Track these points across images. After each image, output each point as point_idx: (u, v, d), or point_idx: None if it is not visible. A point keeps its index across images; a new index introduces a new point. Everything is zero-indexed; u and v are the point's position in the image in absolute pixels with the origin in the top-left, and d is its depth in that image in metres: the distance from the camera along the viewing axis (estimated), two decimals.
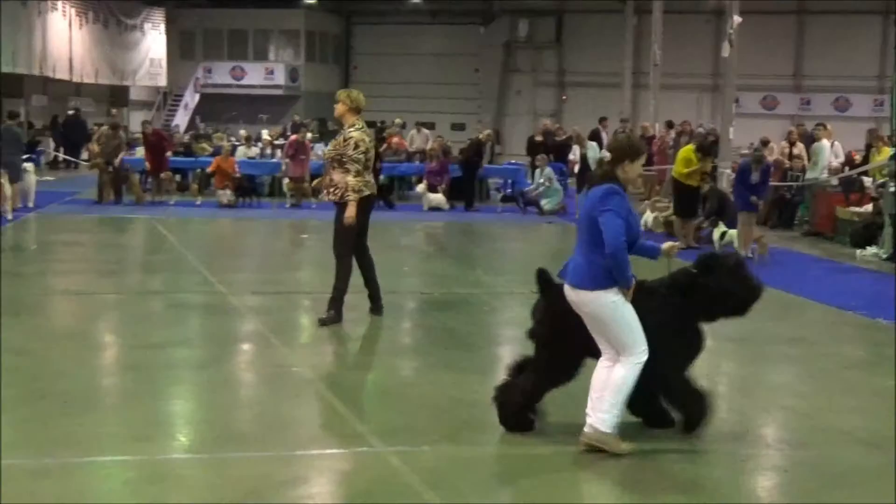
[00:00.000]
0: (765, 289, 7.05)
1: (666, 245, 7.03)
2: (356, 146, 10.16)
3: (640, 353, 6.53)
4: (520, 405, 6.90)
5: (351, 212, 10.15)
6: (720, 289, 6.83)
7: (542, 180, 23.74)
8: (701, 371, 8.98)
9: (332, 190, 10.33)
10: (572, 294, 6.59)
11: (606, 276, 6.43)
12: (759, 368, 9.41)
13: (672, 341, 6.76)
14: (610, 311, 6.48)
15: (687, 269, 7.00)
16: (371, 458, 6.34)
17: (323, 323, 10.32)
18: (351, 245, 10.39)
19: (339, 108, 10.35)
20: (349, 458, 6.36)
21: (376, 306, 10.84)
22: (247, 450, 6.39)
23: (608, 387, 6.51)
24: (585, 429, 6.54)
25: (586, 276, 6.51)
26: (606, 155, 6.87)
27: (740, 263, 7.07)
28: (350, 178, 10.14)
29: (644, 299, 6.62)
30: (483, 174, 26.32)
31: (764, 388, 8.75)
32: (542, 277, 7.04)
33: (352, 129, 10.25)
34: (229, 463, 6.21)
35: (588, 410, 6.56)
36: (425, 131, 30.81)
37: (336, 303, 10.40)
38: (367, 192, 10.29)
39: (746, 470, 6.51)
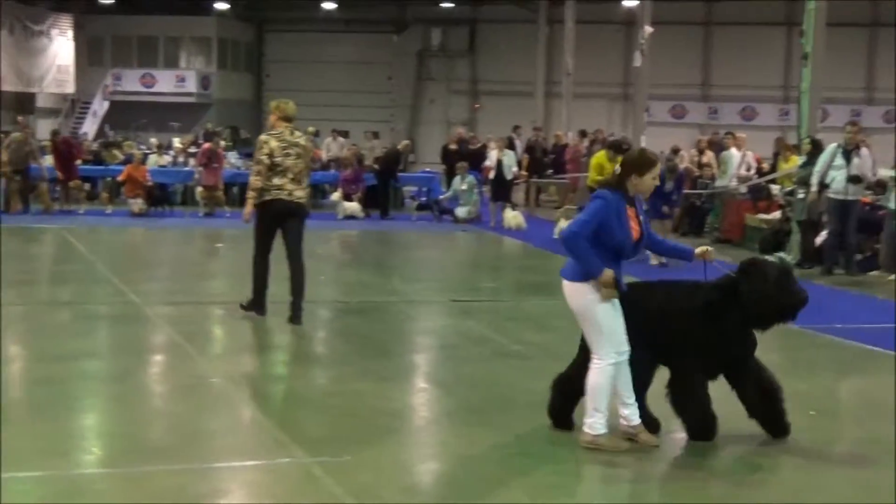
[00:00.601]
0: (807, 295, 7.06)
1: (700, 249, 7.14)
2: (260, 148, 10.58)
3: (606, 357, 6.65)
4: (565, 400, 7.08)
5: (245, 210, 10.76)
6: (760, 295, 6.86)
7: (464, 186, 23.78)
8: None
9: None
10: (563, 286, 6.81)
11: (583, 269, 6.64)
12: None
13: (693, 345, 6.87)
14: (583, 308, 6.68)
15: (729, 274, 7.07)
16: (293, 469, 6.27)
17: (242, 306, 11.01)
18: (260, 246, 10.81)
19: (270, 118, 10.89)
20: (270, 469, 6.28)
21: (294, 314, 10.80)
22: (164, 463, 6.26)
23: (587, 391, 6.73)
24: (583, 428, 6.75)
25: (569, 268, 6.76)
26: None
27: (784, 271, 7.05)
28: (251, 178, 10.68)
29: (680, 300, 6.97)
30: (398, 182, 26.31)
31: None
32: None
33: (265, 133, 10.80)
34: (146, 477, 6.08)
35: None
36: (340, 139, 30.76)
37: (252, 300, 10.99)
38: (269, 197, 10.50)
39: (667, 471, 6.57)
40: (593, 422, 6.67)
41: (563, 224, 20.20)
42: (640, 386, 6.99)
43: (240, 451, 6.63)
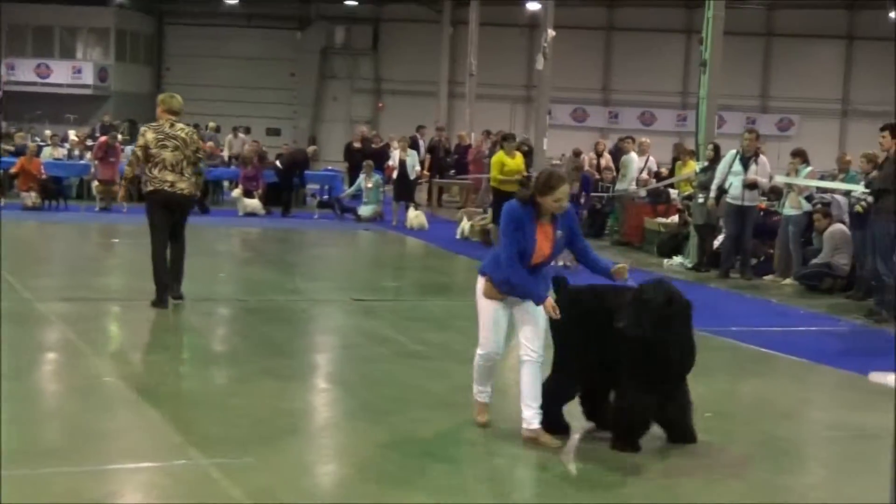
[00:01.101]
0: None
1: (614, 268, 7.17)
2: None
3: (478, 347, 7.16)
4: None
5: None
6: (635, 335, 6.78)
7: (370, 185, 23.68)
8: (513, 376, 9.14)
9: None
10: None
11: (486, 264, 7.09)
12: None
13: (624, 352, 6.90)
14: (477, 299, 7.15)
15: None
16: (190, 471, 6.14)
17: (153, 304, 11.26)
18: (156, 234, 11.20)
19: (157, 111, 11.37)
20: (166, 472, 6.13)
21: (174, 291, 11.34)
22: (56, 465, 6.07)
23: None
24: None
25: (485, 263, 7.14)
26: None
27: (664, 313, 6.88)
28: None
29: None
30: (301, 181, 26.11)
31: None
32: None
33: (145, 125, 11.58)
34: (39, 479, 5.89)
35: None
36: (242, 135, 30.41)
37: (157, 295, 11.28)
38: (151, 187, 11.11)
39: (573, 473, 6.61)
40: (524, 415, 6.96)
41: (466, 224, 20.32)
42: (561, 395, 7.15)
43: (135, 452, 6.47)
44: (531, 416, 6.93)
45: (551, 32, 21.77)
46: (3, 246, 15.47)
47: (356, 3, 43.59)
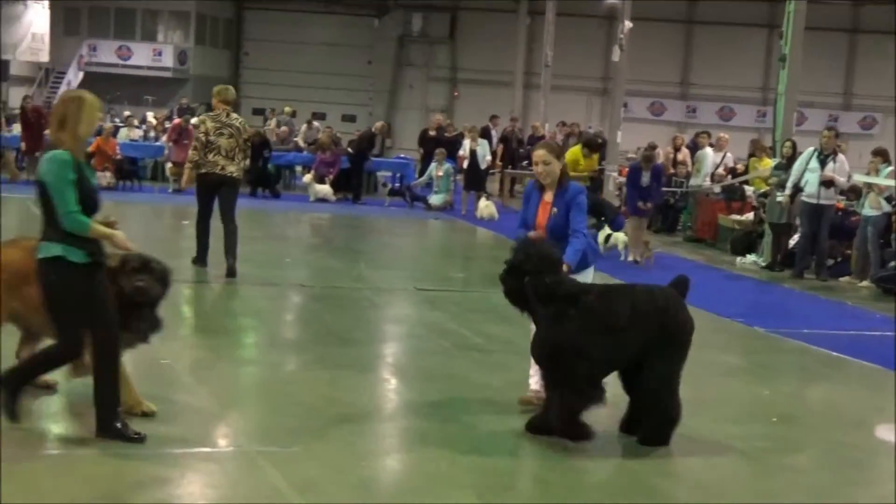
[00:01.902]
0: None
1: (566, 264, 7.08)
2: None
3: None
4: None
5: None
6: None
7: (440, 173, 23.59)
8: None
9: None
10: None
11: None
12: None
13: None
14: None
15: None
16: (237, 459, 6.08)
17: (193, 261, 12.52)
18: (200, 211, 12.34)
19: (213, 101, 12.42)
20: (214, 458, 6.08)
21: (229, 269, 11.99)
22: (106, 448, 6.04)
23: None
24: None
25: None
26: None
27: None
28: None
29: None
30: (372, 167, 26.09)
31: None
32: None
33: (205, 114, 12.87)
34: (83, 460, 5.88)
35: None
36: (316, 124, 30.47)
37: (197, 255, 12.58)
38: (204, 170, 12.03)
39: (615, 475, 6.44)
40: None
41: None
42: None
43: (186, 437, 6.40)
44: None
45: (628, 24, 21.42)
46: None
47: None
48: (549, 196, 7.45)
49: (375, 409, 7.59)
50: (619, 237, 16.69)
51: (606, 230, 16.92)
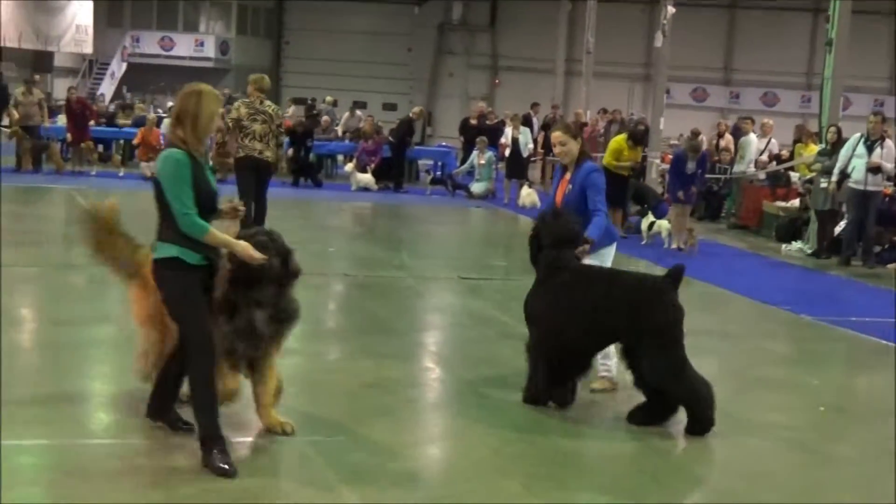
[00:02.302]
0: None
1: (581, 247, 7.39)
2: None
3: None
4: None
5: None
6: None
7: (482, 161, 23.55)
8: (622, 364, 8.93)
9: None
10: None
11: None
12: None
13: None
14: None
15: None
16: (283, 448, 6.10)
17: None
18: (242, 192, 12.13)
19: (249, 88, 12.68)
20: (262, 448, 6.11)
21: None
22: (156, 436, 6.10)
23: None
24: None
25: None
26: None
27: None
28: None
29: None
30: (413, 155, 26.08)
31: None
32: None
33: (239, 100, 12.98)
34: (139, 449, 5.91)
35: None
36: (358, 113, 30.51)
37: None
38: (242, 154, 12.40)
39: (665, 466, 6.41)
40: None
41: None
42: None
43: (234, 427, 6.38)
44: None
45: (671, 9, 21.23)
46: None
47: None
48: (569, 175, 7.75)
49: (420, 398, 7.61)
50: (663, 224, 16.59)
51: (650, 217, 16.84)
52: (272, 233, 6.12)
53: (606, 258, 7.63)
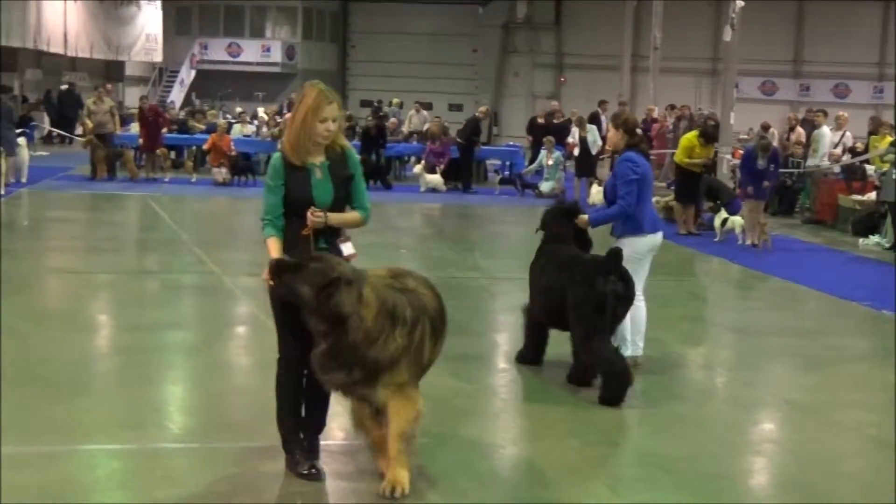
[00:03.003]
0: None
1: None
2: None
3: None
4: None
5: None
6: None
7: (550, 161, 23.49)
8: (699, 361, 8.88)
9: None
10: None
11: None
12: (760, 360, 9.23)
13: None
14: None
15: None
16: (367, 452, 6.11)
17: None
18: None
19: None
20: (342, 450, 6.15)
21: None
22: (240, 440, 6.18)
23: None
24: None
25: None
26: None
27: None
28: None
29: None
30: (481, 155, 26.07)
31: (765, 381, 8.57)
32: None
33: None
34: (221, 454, 6.01)
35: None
36: (424, 112, 30.59)
37: None
38: None
39: (750, 466, 6.35)
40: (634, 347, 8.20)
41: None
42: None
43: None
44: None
45: (739, 3, 20.97)
46: (186, 221, 15.98)
47: None
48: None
49: (498, 399, 7.61)
50: (736, 221, 16.41)
51: (723, 214, 16.67)
52: (325, 258, 5.39)
53: (633, 247, 7.97)
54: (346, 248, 5.76)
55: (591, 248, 8.18)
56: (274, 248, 5.54)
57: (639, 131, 8.43)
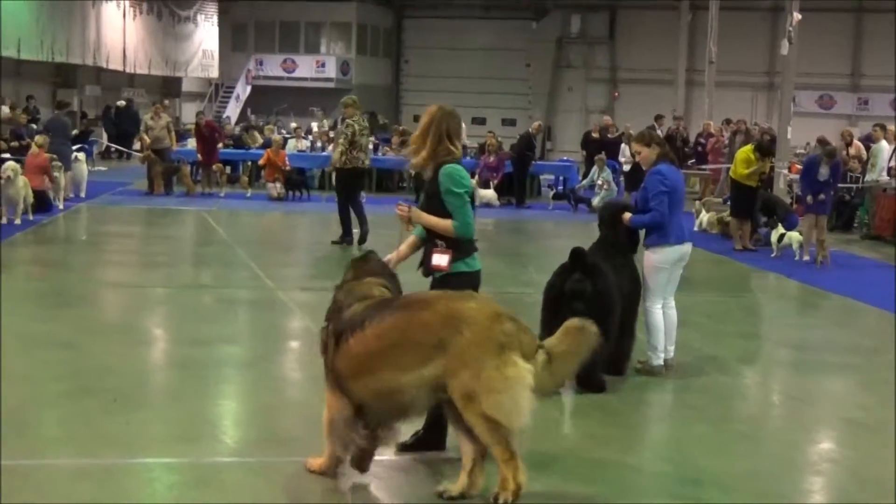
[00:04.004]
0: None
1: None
2: (345, 129, 15.70)
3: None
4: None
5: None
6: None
7: (599, 181, 23.42)
8: (756, 378, 8.78)
9: None
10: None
11: None
12: (819, 377, 9.12)
13: None
14: None
15: None
16: (420, 467, 6.11)
17: (333, 242, 15.79)
18: (349, 196, 15.78)
19: (347, 111, 15.96)
20: (397, 467, 6.14)
21: (361, 237, 15.61)
22: (295, 454, 6.17)
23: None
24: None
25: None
26: None
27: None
28: (336, 151, 15.92)
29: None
30: (535, 170, 26.05)
31: (824, 399, 8.46)
32: None
33: (350, 119, 15.80)
34: (276, 468, 6.03)
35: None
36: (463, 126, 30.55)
37: (342, 234, 15.86)
38: (350, 165, 15.52)
39: (809, 486, 6.25)
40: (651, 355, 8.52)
41: (704, 216, 19.75)
42: None
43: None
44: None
45: (797, 16, 20.81)
46: (242, 236, 16.06)
47: None
48: None
49: (549, 413, 7.55)
50: (793, 236, 16.22)
51: (780, 229, 16.48)
52: (346, 289, 6.04)
53: (661, 256, 8.46)
54: (437, 258, 6.27)
55: (637, 246, 8.72)
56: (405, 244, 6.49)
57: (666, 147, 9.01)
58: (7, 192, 16.52)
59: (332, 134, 28.43)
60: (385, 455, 6.20)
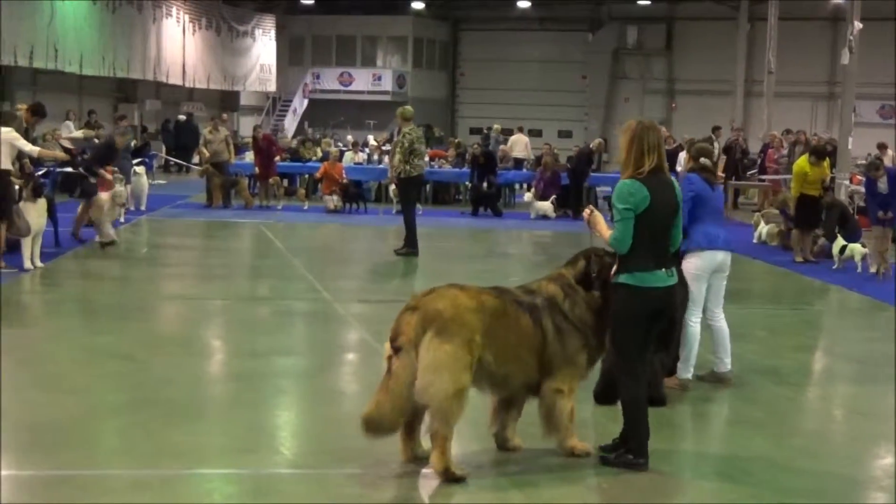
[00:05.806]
0: None
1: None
2: (403, 138, 15.97)
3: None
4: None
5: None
6: None
7: None
8: (818, 393, 8.66)
9: None
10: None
11: None
12: (882, 391, 8.93)
13: None
14: None
15: None
16: (486, 481, 6.08)
17: (397, 252, 16.18)
18: (414, 203, 16.68)
19: (400, 121, 16.39)
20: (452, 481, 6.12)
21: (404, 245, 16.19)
22: (353, 466, 6.19)
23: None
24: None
25: None
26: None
27: None
28: (395, 160, 16.30)
29: None
30: (591, 182, 25.93)
31: (887, 413, 8.29)
32: None
33: (407, 128, 16.10)
34: (334, 480, 6.04)
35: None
36: (524, 137, 30.41)
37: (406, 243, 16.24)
38: (415, 173, 16.09)
39: (874, 502, 6.14)
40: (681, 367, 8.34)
41: (763, 227, 19.53)
42: None
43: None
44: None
45: (858, 25, 20.57)
46: (299, 248, 16.13)
47: (649, 2, 42.99)
48: None
49: (617, 426, 7.50)
50: (855, 248, 15.96)
51: (841, 241, 16.20)
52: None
53: (695, 262, 8.51)
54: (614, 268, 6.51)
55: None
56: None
57: (703, 160, 9.06)
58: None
59: (385, 147, 28.55)
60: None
